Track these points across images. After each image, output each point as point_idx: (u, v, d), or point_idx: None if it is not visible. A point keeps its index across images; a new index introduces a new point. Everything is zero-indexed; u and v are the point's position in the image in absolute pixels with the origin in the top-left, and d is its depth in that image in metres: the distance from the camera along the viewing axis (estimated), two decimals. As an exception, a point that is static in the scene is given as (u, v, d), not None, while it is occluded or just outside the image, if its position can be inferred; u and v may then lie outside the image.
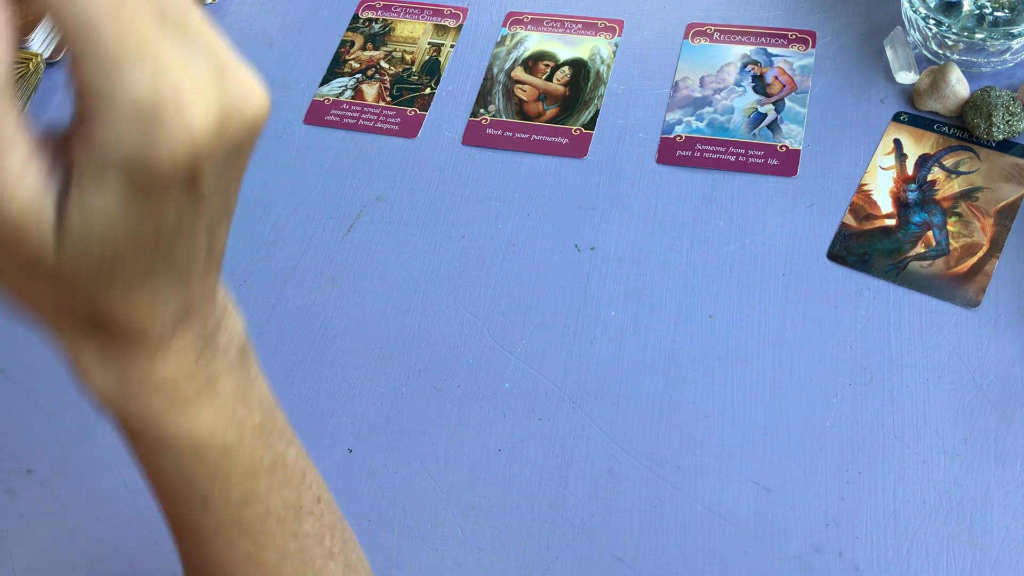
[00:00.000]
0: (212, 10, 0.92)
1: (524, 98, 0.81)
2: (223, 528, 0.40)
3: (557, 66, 0.83)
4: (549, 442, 0.65)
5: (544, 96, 0.81)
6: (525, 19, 0.86)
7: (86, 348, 0.33)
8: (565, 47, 0.84)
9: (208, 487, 0.38)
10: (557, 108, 0.80)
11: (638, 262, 0.72)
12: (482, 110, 0.81)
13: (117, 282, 0.31)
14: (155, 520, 0.67)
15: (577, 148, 0.77)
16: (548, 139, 0.78)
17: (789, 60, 0.79)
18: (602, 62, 0.82)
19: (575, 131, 0.78)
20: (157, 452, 0.37)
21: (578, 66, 0.82)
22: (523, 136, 0.79)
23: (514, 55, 0.84)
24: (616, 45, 0.83)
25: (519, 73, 0.83)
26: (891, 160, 0.73)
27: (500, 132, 0.79)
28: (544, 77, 0.82)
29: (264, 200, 0.79)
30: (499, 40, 0.85)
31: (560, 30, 0.85)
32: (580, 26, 0.85)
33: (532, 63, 0.83)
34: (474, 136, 0.79)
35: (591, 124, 0.79)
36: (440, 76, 0.84)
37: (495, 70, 0.83)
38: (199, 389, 0.36)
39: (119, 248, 0.30)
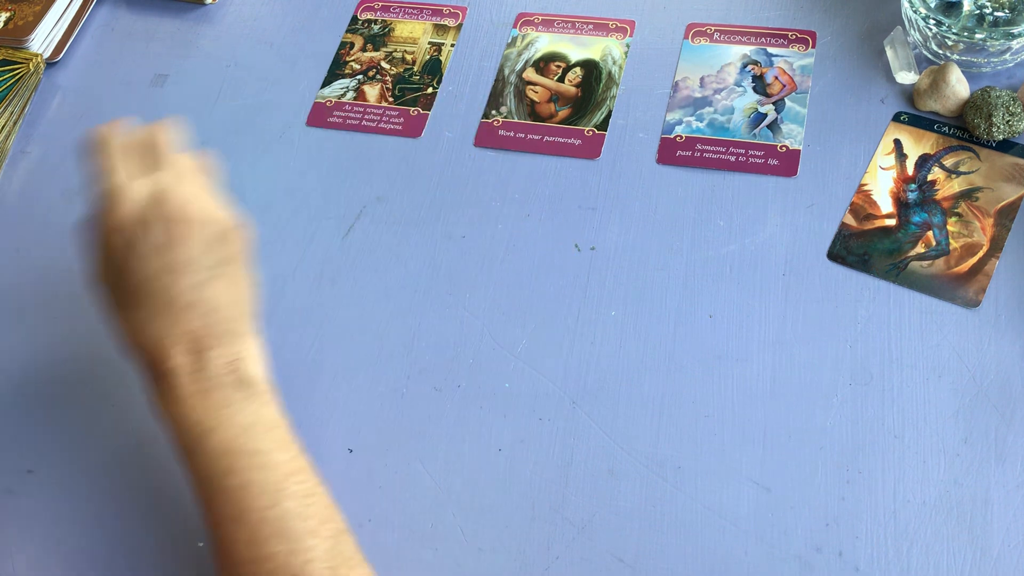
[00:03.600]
0: (212, 10, 0.92)
1: (536, 99, 0.81)
2: (216, 494, 0.55)
3: (569, 67, 0.82)
4: (549, 442, 0.65)
5: (556, 97, 0.81)
6: (536, 20, 0.86)
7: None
8: (576, 48, 0.84)
9: (196, 461, 0.56)
10: (569, 109, 0.80)
11: (638, 262, 0.72)
12: (494, 112, 0.81)
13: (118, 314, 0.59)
14: (155, 520, 0.67)
15: (590, 149, 0.77)
16: (561, 140, 0.78)
17: (789, 60, 0.79)
18: (614, 63, 0.82)
19: (588, 132, 0.78)
20: (169, 430, 0.57)
21: (590, 67, 0.82)
22: (535, 137, 0.79)
23: (525, 56, 0.84)
24: (628, 46, 0.83)
25: (530, 74, 0.83)
26: (891, 160, 0.73)
27: (512, 134, 0.79)
28: (556, 78, 0.82)
29: (264, 200, 0.79)
30: (510, 41, 0.85)
31: (571, 31, 0.85)
32: (591, 27, 0.85)
33: (543, 64, 0.83)
34: (486, 138, 0.79)
35: (604, 125, 0.79)
36: (442, 75, 0.84)
37: (506, 71, 0.83)
38: (192, 393, 0.57)
39: (109, 286, 0.59)
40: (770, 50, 0.80)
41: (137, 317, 0.58)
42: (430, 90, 0.83)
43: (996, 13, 0.74)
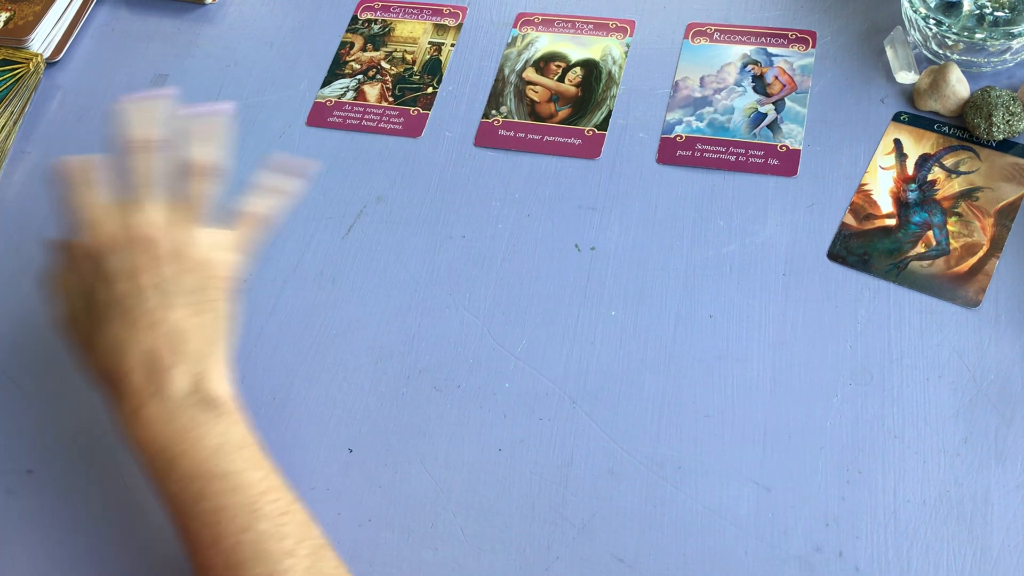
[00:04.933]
0: (212, 10, 0.92)
1: (536, 99, 0.81)
2: (189, 521, 0.54)
3: (569, 67, 0.82)
4: (549, 442, 0.65)
5: (556, 97, 0.81)
6: (536, 20, 0.86)
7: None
8: (577, 48, 0.83)
9: (171, 485, 0.55)
10: (569, 109, 0.80)
11: (638, 262, 0.72)
12: (494, 111, 0.81)
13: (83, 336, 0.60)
14: (155, 520, 0.67)
15: (590, 149, 0.77)
16: (561, 140, 0.78)
17: (789, 60, 0.79)
18: (614, 62, 0.82)
19: (588, 132, 0.78)
20: (137, 458, 0.56)
21: (590, 67, 0.82)
22: (535, 137, 0.79)
23: (525, 56, 0.84)
24: (628, 45, 0.83)
25: (530, 74, 0.83)
26: (891, 160, 0.73)
27: (512, 133, 0.79)
28: (556, 78, 0.82)
29: (264, 200, 0.79)
30: (510, 41, 0.85)
31: (571, 31, 0.85)
32: (591, 26, 0.85)
33: (543, 64, 0.83)
34: (486, 137, 0.79)
35: (604, 125, 0.79)
36: (442, 75, 0.84)
37: (506, 71, 0.83)
38: (156, 416, 0.56)
39: (75, 316, 0.60)
40: (770, 50, 0.80)
41: (99, 340, 0.58)
42: (430, 90, 0.83)
43: (996, 13, 0.74)
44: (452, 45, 0.86)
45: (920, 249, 0.69)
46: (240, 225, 0.63)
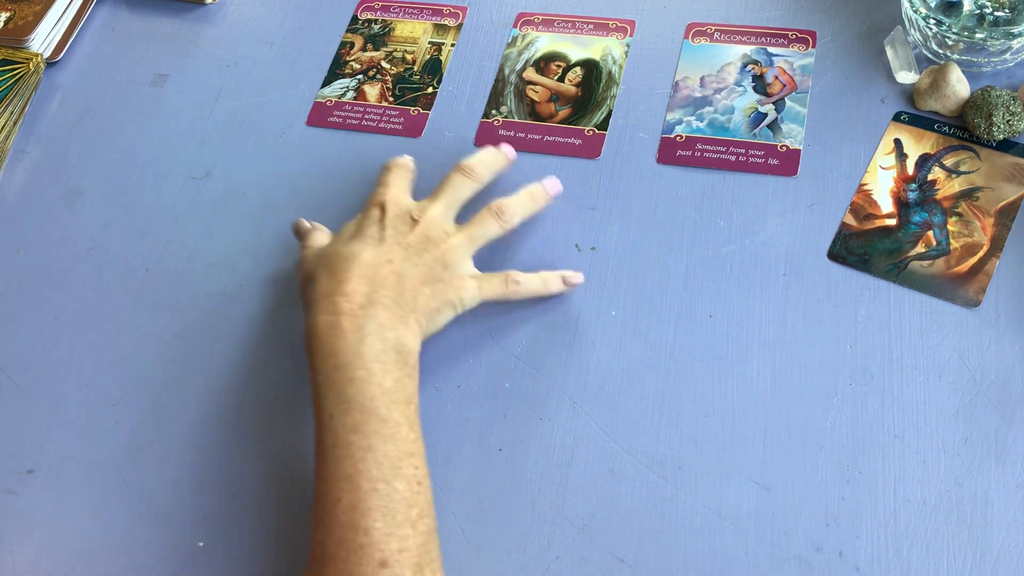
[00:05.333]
0: (212, 10, 0.92)
1: (536, 99, 0.81)
2: (336, 447, 0.56)
3: (569, 67, 0.82)
4: (549, 442, 0.65)
5: (556, 97, 0.81)
6: (536, 19, 0.86)
7: (308, 291, 0.64)
8: (577, 47, 0.83)
9: (333, 405, 0.57)
10: (569, 109, 0.80)
11: (638, 262, 0.72)
12: (494, 111, 0.81)
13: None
14: (155, 520, 0.67)
15: (590, 149, 0.77)
16: (561, 140, 0.78)
17: (789, 60, 0.79)
18: (614, 62, 0.82)
19: (588, 132, 0.78)
20: (315, 359, 0.59)
21: (590, 66, 0.82)
22: (536, 137, 0.79)
23: (525, 56, 0.84)
24: (628, 45, 0.83)
25: (530, 74, 0.82)
26: (891, 160, 0.73)
27: (512, 133, 0.79)
28: (556, 78, 0.82)
29: (264, 200, 0.79)
30: (510, 41, 0.85)
31: (571, 30, 0.85)
32: (591, 26, 0.85)
33: (544, 64, 0.83)
34: (486, 137, 0.79)
35: (604, 125, 0.79)
36: (442, 75, 0.84)
37: (506, 71, 0.83)
38: (351, 330, 0.59)
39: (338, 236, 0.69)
40: (770, 50, 0.80)
41: (343, 247, 0.64)
42: (430, 90, 0.83)
43: (996, 13, 0.74)
44: (452, 45, 0.86)
45: (920, 249, 0.69)
46: (498, 277, 0.67)
